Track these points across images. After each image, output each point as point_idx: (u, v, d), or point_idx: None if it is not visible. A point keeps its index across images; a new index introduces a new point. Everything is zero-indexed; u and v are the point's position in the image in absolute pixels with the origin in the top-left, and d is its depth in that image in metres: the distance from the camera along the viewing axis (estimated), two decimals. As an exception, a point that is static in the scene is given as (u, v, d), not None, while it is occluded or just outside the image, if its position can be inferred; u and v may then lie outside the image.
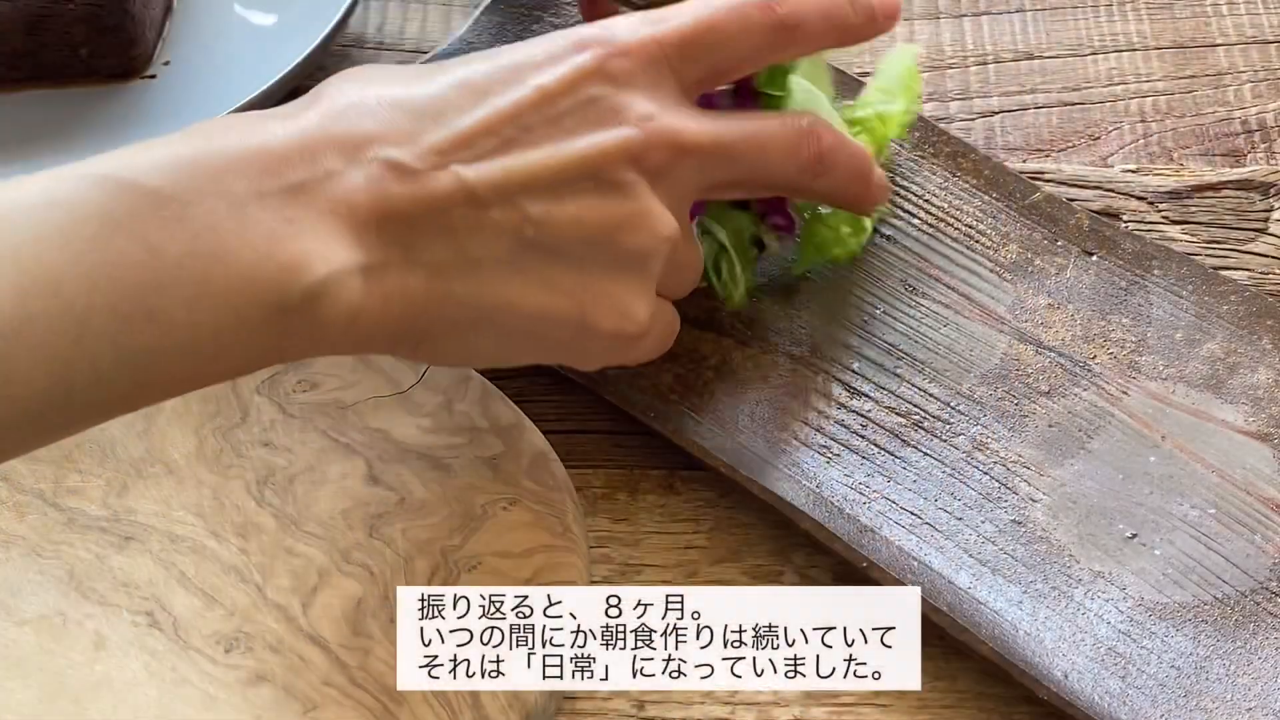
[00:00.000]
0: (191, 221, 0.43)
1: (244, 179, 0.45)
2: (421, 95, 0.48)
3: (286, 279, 0.44)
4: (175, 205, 0.43)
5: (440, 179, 0.47)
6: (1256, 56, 0.75)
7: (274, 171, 0.45)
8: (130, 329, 0.42)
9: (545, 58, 0.50)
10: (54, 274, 0.42)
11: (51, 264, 0.42)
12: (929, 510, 0.56)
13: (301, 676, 0.52)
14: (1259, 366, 0.61)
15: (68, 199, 0.43)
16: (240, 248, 0.44)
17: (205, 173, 0.44)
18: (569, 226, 0.49)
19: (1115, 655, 0.53)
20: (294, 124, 0.47)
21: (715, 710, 0.53)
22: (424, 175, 0.47)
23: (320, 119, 0.47)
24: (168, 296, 0.43)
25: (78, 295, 0.42)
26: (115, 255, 0.42)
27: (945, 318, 0.62)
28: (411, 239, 0.47)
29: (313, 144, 0.46)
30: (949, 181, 0.67)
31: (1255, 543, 0.56)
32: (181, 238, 0.43)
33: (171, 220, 0.43)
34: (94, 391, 0.43)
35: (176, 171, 0.44)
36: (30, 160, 0.68)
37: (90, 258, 0.42)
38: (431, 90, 0.49)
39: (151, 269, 0.43)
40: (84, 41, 0.71)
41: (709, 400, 0.59)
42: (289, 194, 0.45)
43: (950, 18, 0.78)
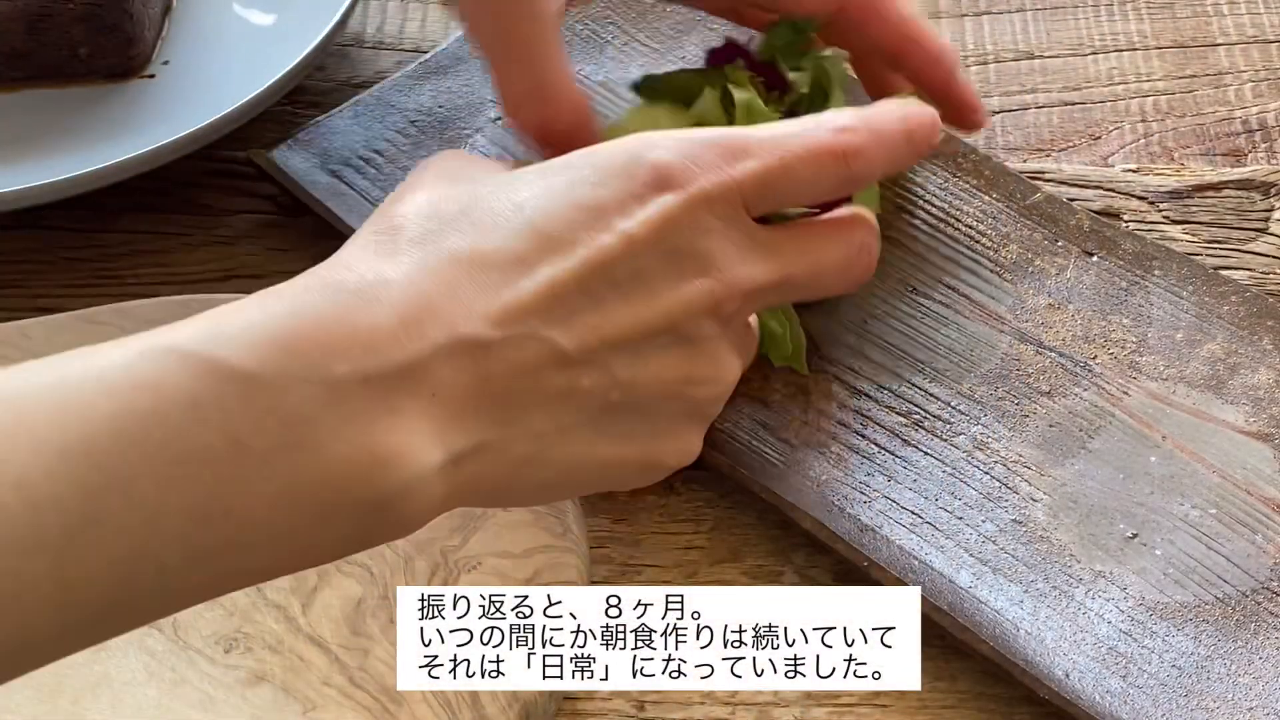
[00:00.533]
0: (284, 412, 0.40)
1: (347, 361, 0.41)
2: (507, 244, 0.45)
3: (380, 476, 0.41)
4: (268, 393, 0.40)
5: (534, 345, 0.44)
6: (1257, 56, 0.75)
7: (379, 351, 0.41)
8: (204, 529, 0.39)
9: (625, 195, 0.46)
10: (128, 471, 0.38)
11: (126, 459, 0.38)
12: (930, 510, 0.56)
13: (301, 677, 0.52)
14: (1260, 367, 0.61)
15: (153, 381, 0.39)
16: (333, 441, 0.40)
17: (303, 353, 0.40)
18: (651, 386, 0.47)
19: (1116, 655, 0.53)
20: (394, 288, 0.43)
21: (715, 710, 0.53)
22: (520, 342, 0.44)
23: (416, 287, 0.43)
24: (248, 494, 0.39)
25: (151, 493, 0.38)
26: (197, 451, 0.39)
27: (946, 318, 0.62)
28: (508, 416, 0.44)
29: (417, 316, 0.42)
30: (949, 182, 0.67)
31: (1256, 543, 0.56)
32: (271, 430, 0.39)
33: (262, 411, 0.39)
34: (159, 589, 0.40)
35: (271, 351, 0.40)
36: (30, 160, 0.68)
37: (168, 453, 0.38)
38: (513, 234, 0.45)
39: (234, 465, 0.39)
40: (83, 41, 0.71)
41: (709, 400, 0.59)
42: (395, 377, 0.41)
43: (951, 17, 0.78)
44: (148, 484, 0.38)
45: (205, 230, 0.68)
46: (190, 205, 0.69)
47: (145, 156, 0.64)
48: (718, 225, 0.47)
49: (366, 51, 0.75)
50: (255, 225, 0.68)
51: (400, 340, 0.42)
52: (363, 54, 0.75)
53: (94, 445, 0.38)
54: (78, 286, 0.66)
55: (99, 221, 0.68)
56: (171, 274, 0.66)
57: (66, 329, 0.58)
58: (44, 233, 0.68)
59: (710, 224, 0.47)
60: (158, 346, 0.39)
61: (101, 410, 0.38)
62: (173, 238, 0.68)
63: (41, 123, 0.70)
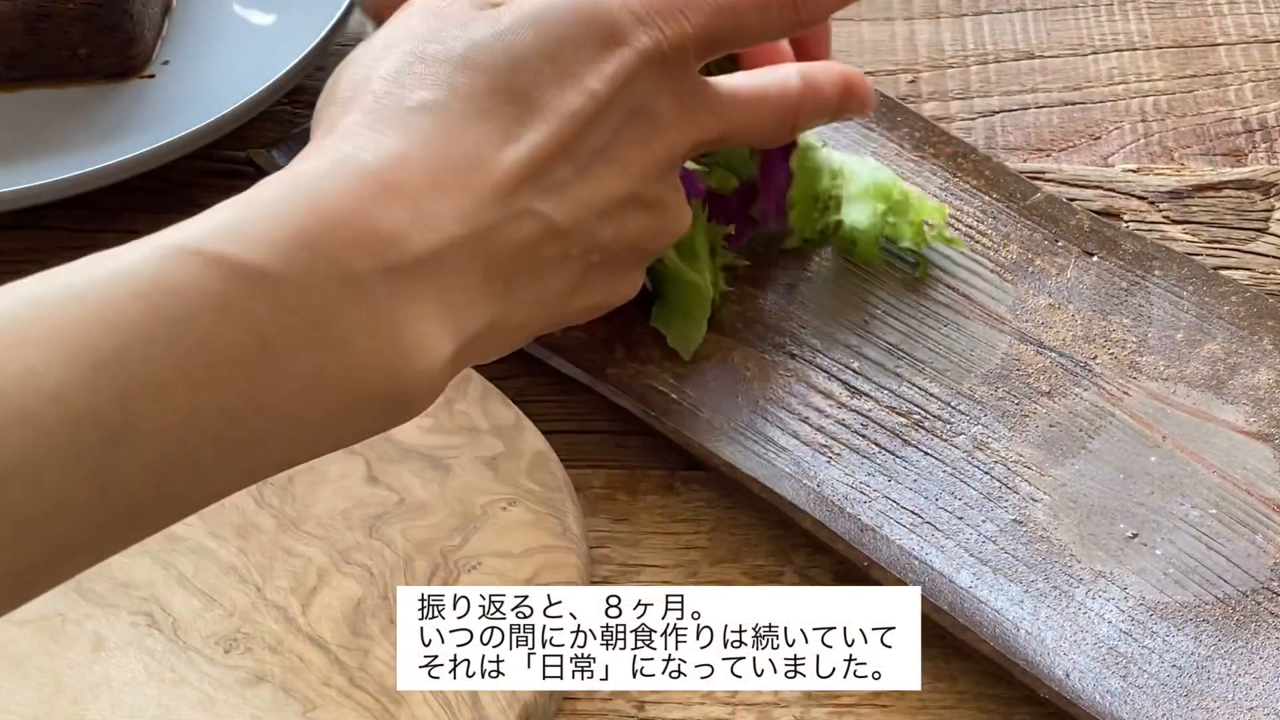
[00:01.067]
0: (309, 310, 0.40)
1: (369, 256, 0.41)
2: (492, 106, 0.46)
3: (402, 367, 0.42)
4: (293, 292, 0.40)
5: (531, 221, 0.46)
6: (1257, 56, 0.75)
7: (399, 244, 0.42)
8: (235, 425, 0.40)
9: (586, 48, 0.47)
10: (162, 377, 0.38)
11: (160, 365, 0.38)
12: (930, 510, 0.56)
13: (301, 677, 0.52)
14: (1260, 367, 0.61)
15: (180, 285, 0.39)
16: (358, 336, 0.41)
17: (325, 250, 0.41)
18: (624, 245, 0.49)
19: (1116, 655, 0.53)
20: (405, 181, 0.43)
21: (715, 710, 0.53)
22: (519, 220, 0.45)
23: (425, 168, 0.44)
24: (279, 391, 0.40)
25: (184, 397, 0.39)
26: (228, 352, 0.39)
27: (946, 318, 0.62)
28: (510, 291, 0.46)
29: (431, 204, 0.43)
30: (949, 182, 0.67)
31: (1256, 543, 0.56)
32: (298, 329, 0.40)
33: (288, 310, 0.40)
34: (193, 486, 0.41)
35: (294, 250, 0.40)
36: (30, 160, 0.68)
37: (200, 357, 0.39)
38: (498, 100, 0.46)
39: (264, 364, 0.40)
40: (83, 41, 0.70)
41: (709, 400, 0.59)
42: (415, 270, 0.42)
43: (950, 17, 0.78)
44: (181, 388, 0.39)
45: (205, 230, 0.68)
46: (190, 205, 0.69)
47: (145, 156, 0.64)
48: (671, 82, 0.48)
49: (366, 51, 0.75)
50: (255, 225, 0.68)
51: (419, 231, 0.42)
52: (363, 54, 0.75)
53: (128, 354, 0.38)
54: (78, 286, 0.66)
55: (99, 221, 0.68)
56: (171, 274, 0.66)
57: (66, 329, 0.58)
58: (44, 233, 0.68)
59: (664, 80, 0.48)
60: (183, 247, 0.40)
61: (132, 317, 0.38)
62: (173, 238, 0.68)
63: (41, 123, 0.70)
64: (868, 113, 0.57)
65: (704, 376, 0.60)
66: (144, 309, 0.39)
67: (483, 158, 0.45)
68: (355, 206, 0.42)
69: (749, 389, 0.59)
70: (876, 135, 0.68)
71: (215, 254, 0.40)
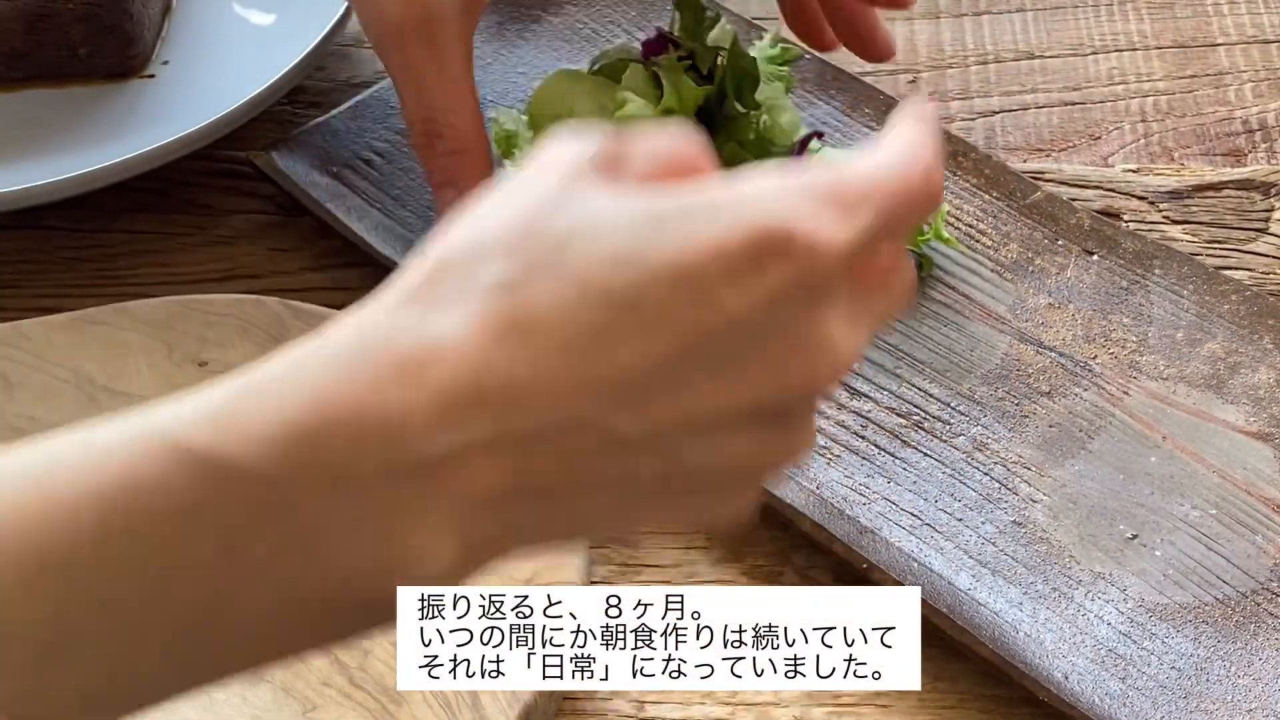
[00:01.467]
0: (290, 514, 0.35)
1: (373, 455, 0.35)
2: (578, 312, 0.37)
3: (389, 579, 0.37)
4: (276, 494, 0.35)
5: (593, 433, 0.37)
6: (1257, 56, 0.75)
7: (410, 442, 0.36)
8: (187, 640, 0.36)
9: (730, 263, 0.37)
10: (108, 587, 0.34)
11: (109, 571, 0.34)
12: (929, 511, 0.56)
13: (300, 677, 0.51)
14: (1260, 366, 0.61)
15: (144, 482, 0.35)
16: (344, 544, 0.36)
17: (323, 452, 0.35)
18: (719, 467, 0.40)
19: (1116, 656, 0.53)
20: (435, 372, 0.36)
21: (715, 710, 0.53)
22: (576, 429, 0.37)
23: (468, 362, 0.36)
24: (243, 602, 0.35)
25: (133, 608, 0.35)
26: (189, 559, 0.35)
27: (946, 318, 0.62)
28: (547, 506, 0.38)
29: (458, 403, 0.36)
30: (949, 181, 0.67)
31: (1256, 543, 0.56)
32: (274, 535, 0.35)
33: (267, 515, 0.35)
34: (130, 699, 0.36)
35: (287, 447, 0.35)
36: (30, 160, 0.68)
37: (157, 563, 0.35)
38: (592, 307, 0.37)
39: (228, 574, 0.35)
40: (83, 41, 0.70)
41: (709, 400, 0.59)
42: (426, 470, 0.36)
43: (950, 17, 0.78)
44: (131, 598, 0.35)
45: (205, 230, 0.68)
46: (190, 205, 0.69)
47: (145, 156, 0.64)
48: (828, 296, 0.39)
49: (366, 51, 0.75)
50: (255, 225, 0.68)
51: (436, 429, 0.36)
52: (363, 54, 0.75)
53: (75, 559, 0.34)
54: (78, 286, 0.66)
55: (99, 221, 0.68)
56: (171, 274, 0.66)
57: (66, 329, 0.58)
58: (44, 233, 0.68)
59: (822, 295, 0.39)
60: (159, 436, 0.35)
61: (88, 517, 0.34)
62: (173, 238, 0.68)
63: (41, 123, 0.70)
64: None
65: (704, 377, 0.60)
66: (101, 508, 0.35)
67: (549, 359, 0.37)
68: (365, 393, 0.36)
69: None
70: (876, 135, 0.68)
71: (190, 446, 0.35)
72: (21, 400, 0.56)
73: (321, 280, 0.66)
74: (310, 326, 0.56)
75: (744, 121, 0.62)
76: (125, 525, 0.34)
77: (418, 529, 0.36)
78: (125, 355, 0.57)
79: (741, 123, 0.62)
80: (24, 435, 0.55)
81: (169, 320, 0.57)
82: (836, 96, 0.69)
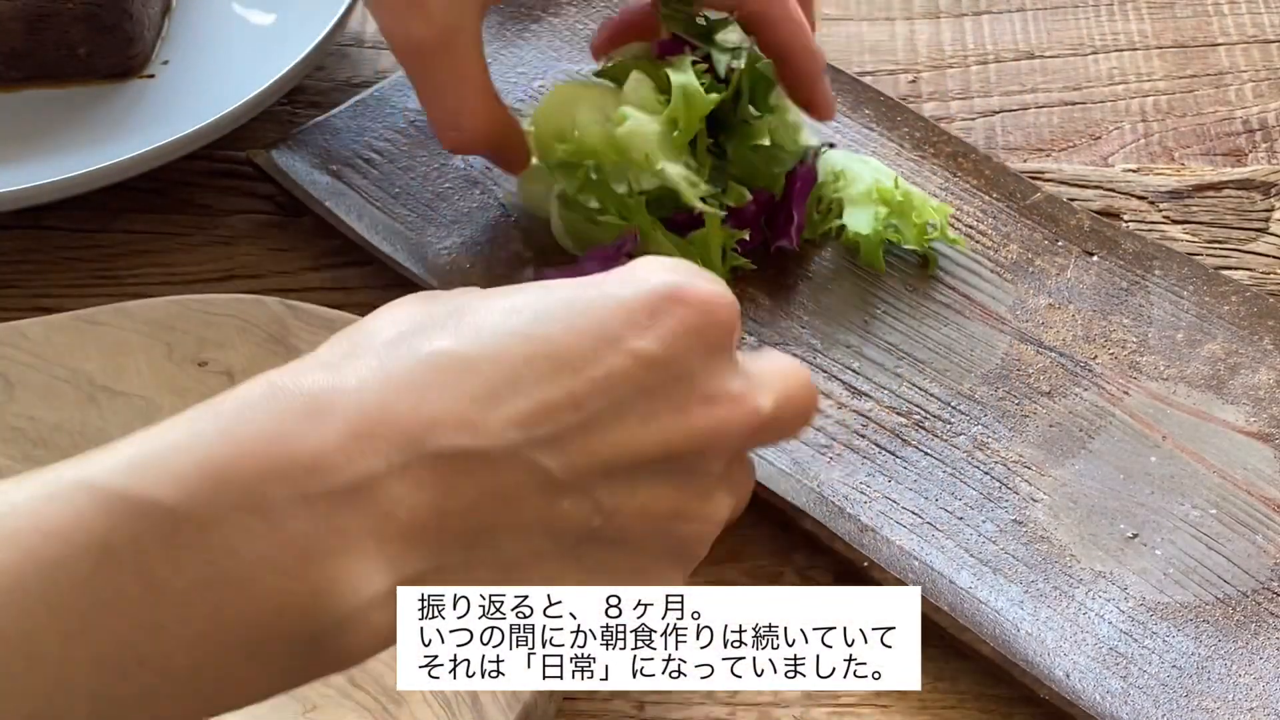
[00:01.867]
0: (208, 546, 0.36)
1: (285, 483, 0.36)
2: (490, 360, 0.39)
3: (319, 607, 0.37)
4: (191, 526, 0.36)
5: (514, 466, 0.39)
6: (1258, 56, 0.75)
7: (324, 469, 0.37)
8: (113, 680, 0.35)
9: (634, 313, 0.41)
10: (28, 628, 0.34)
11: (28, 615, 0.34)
12: (930, 510, 0.56)
13: (301, 677, 0.51)
14: (1260, 367, 0.61)
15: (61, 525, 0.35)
16: (265, 574, 0.36)
17: (236, 482, 0.36)
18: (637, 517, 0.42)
19: (1117, 655, 0.53)
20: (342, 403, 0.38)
21: (715, 710, 0.53)
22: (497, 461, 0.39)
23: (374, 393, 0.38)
24: (166, 639, 0.36)
25: (54, 650, 0.35)
26: (106, 598, 0.35)
27: (946, 318, 0.62)
28: (474, 540, 0.40)
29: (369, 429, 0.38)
30: (949, 181, 0.67)
31: (1256, 543, 0.56)
32: (192, 566, 0.36)
33: (183, 546, 0.35)
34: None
35: (197, 480, 0.36)
36: (30, 160, 0.68)
37: (76, 603, 0.35)
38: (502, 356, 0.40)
39: (149, 607, 0.35)
40: (83, 41, 0.70)
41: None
42: (342, 497, 0.37)
43: (950, 17, 0.78)
44: (51, 640, 0.35)
45: (205, 230, 0.68)
46: (190, 205, 0.69)
47: (145, 156, 0.64)
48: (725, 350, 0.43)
49: (366, 51, 0.75)
50: (255, 225, 0.68)
51: (350, 455, 0.37)
52: (363, 54, 0.75)
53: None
54: (78, 286, 0.66)
55: (99, 221, 0.68)
56: (171, 274, 0.66)
57: (66, 329, 0.58)
58: (44, 233, 0.68)
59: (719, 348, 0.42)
60: (72, 482, 0.36)
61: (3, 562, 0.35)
62: (173, 238, 0.68)
63: (41, 123, 0.70)
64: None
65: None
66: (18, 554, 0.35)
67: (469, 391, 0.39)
68: (275, 428, 0.37)
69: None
70: (876, 135, 0.68)
71: (104, 488, 0.35)
72: (21, 400, 0.56)
73: (321, 280, 0.66)
74: (310, 326, 0.56)
75: (756, 126, 0.62)
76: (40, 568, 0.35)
77: (342, 558, 0.37)
78: (125, 355, 0.57)
79: (753, 128, 0.62)
80: (24, 435, 0.55)
81: (169, 320, 0.57)
82: (837, 97, 0.69)
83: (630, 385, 0.41)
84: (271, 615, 0.37)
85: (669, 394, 0.42)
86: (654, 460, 0.42)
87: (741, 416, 0.43)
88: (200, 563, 0.36)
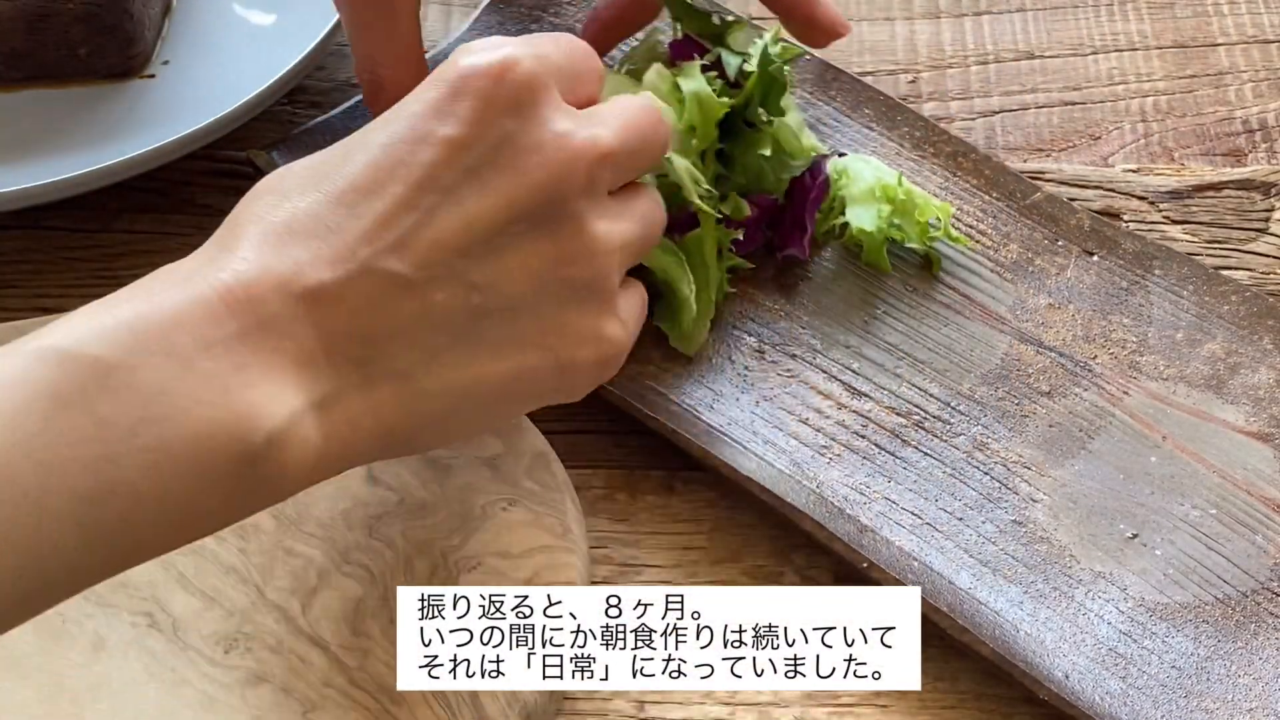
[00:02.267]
0: (140, 387, 0.42)
1: (188, 333, 0.43)
2: (333, 192, 0.46)
3: (245, 429, 0.43)
4: (121, 372, 0.42)
5: (371, 279, 0.45)
6: (1257, 56, 0.75)
7: (217, 320, 0.44)
8: (92, 507, 0.41)
9: (439, 102, 0.47)
10: (9, 467, 0.40)
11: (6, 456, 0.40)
12: (929, 510, 0.56)
13: (301, 677, 0.52)
14: (1260, 367, 0.61)
15: (14, 379, 0.41)
16: (193, 406, 0.42)
17: (149, 333, 0.43)
18: (516, 279, 0.47)
19: (1116, 656, 0.53)
20: (228, 266, 0.45)
21: (715, 710, 0.53)
22: (355, 281, 0.45)
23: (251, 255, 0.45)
24: (125, 467, 0.41)
25: (32, 481, 0.40)
26: (66, 433, 0.41)
27: (946, 317, 0.62)
28: (364, 353, 0.45)
29: (249, 283, 0.44)
30: (949, 181, 0.67)
31: (1256, 543, 0.56)
32: (132, 405, 0.42)
33: (119, 388, 0.42)
34: (64, 571, 0.42)
35: (120, 336, 0.43)
36: (30, 160, 0.68)
37: (41, 440, 0.41)
38: (340, 183, 0.46)
39: (104, 441, 0.41)
40: (83, 41, 0.70)
41: (709, 401, 0.59)
42: (235, 340, 0.44)
43: (950, 17, 0.78)
44: (27, 471, 0.40)
45: (205, 230, 0.67)
46: (190, 205, 0.69)
47: (145, 156, 0.64)
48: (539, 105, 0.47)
49: (366, 51, 0.75)
50: (255, 225, 0.68)
51: (235, 306, 0.44)
52: (363, 54, 0.75)
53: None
54: (78, 286, 0.66)
55: (99, 221, 0.68)
56: (171, 274, 0.66)
57: (66, 329, 0.58)
58: (44, 233, 0.68)
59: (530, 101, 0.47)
60: (19, 349, 0.42)
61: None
62: (173, 238, 0.68)
63: (41, 123, 0.70)
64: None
65: (704, 377, 0.60)
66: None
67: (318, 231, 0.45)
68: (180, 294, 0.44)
69: (749, 390, 0.59)
70: (876, 135, 0.68)
71: (51, 348, 0.42)
72: (21, 400, 0.56)
73: (321, 280, 0.66)
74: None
75: (761, 134, 0.62)
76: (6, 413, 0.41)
77: (251, 389, 0.43)
78: (125, 355, 0.57)
79: (759, 135, 0.62)
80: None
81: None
82: (837, 97, 0.69)
83: (453, 170, 0.46)
84: (206, 439, 0.43)
85: (494, 161, 0.46)
86: (508, 222, 0.46)
87: (576, 149, 0.47)
88: (137, 401, 0.42)
